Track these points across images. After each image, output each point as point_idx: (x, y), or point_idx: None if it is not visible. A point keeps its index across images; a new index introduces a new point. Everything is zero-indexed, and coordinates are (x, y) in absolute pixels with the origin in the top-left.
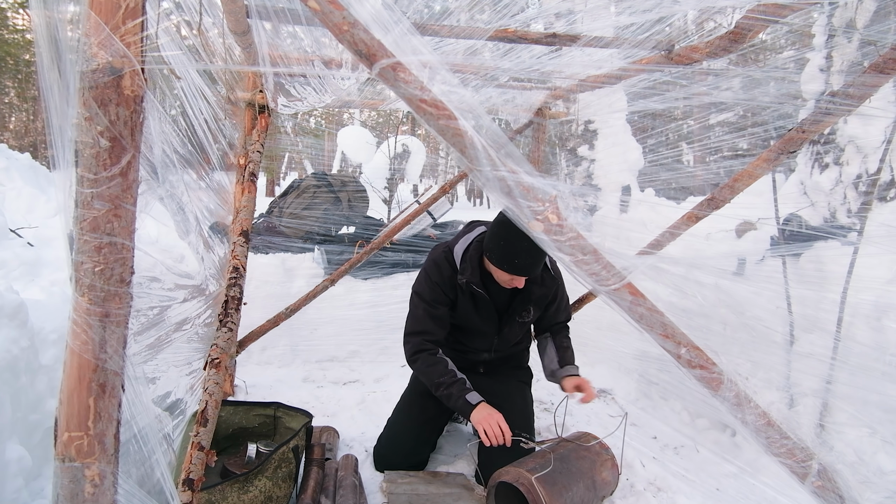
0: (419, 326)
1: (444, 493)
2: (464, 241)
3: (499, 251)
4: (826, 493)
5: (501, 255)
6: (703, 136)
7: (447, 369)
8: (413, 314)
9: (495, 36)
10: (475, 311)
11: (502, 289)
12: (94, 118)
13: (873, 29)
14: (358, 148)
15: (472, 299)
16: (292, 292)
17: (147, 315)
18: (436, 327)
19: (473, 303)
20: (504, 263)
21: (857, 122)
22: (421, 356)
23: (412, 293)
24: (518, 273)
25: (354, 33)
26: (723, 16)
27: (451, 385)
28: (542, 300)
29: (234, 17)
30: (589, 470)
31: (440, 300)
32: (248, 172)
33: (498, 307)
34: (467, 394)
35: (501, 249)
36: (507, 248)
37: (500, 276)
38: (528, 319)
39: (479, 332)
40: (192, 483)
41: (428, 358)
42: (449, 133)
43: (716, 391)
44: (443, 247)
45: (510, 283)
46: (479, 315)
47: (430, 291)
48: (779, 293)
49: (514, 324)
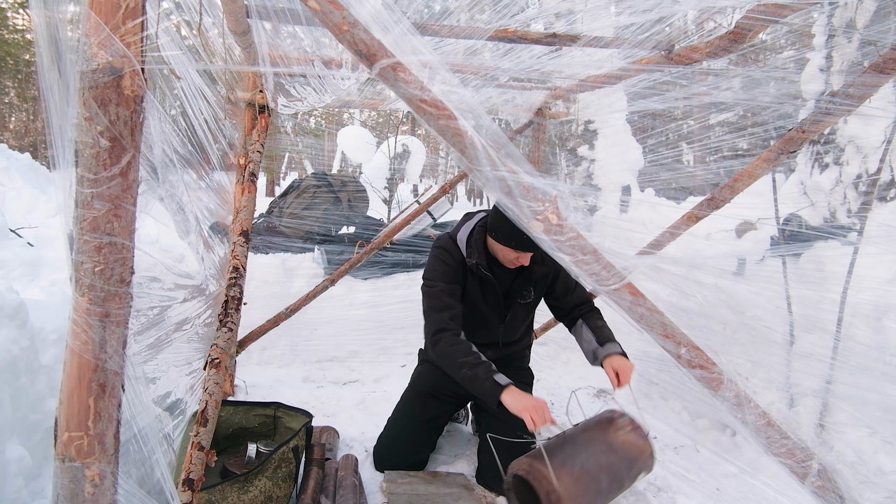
0: (440, 303)
1: (444, 493)
2: (466, 228)
3: (505, 229)
4: (826, 493)
5: (508, 232)
6: (703, 136)
7: (472, 350)
8: (430, 294)
9: (495, 36)
10: (482, 296)
11: (506, 273)
12: (94, 118)
13: (873, 29)
14: (358, 148)
15: (479, 284)
16: (292, 292)
17: (147, 315)
18: (456, 303)
19: (481, 288)
20: (511, 240)
21: (857, 122)
22: (444, 335)
23: (424, 281)
24: (524, 248)
25: (354, 33)
26: (723, 16)
27: (476, 366)
28: (544, 280)
29: (234, 17)
30: (600, 435)
31: (455, 279)
32: (248, 172)
33: (503, 291)
34: (495, 374)
35: (507, 227)
36: (513, 225)
37: (505, 255)
38: (530, 301)
39: (484, 321)
40: (192, 483)
41: (451, 338)
42: (449, 133)
43: (716, 391)
44: (446, 236)
45: (516, 261)
46: (486, 301)
47: (444, 273)
48: (779, 293)
49: (516, 308)
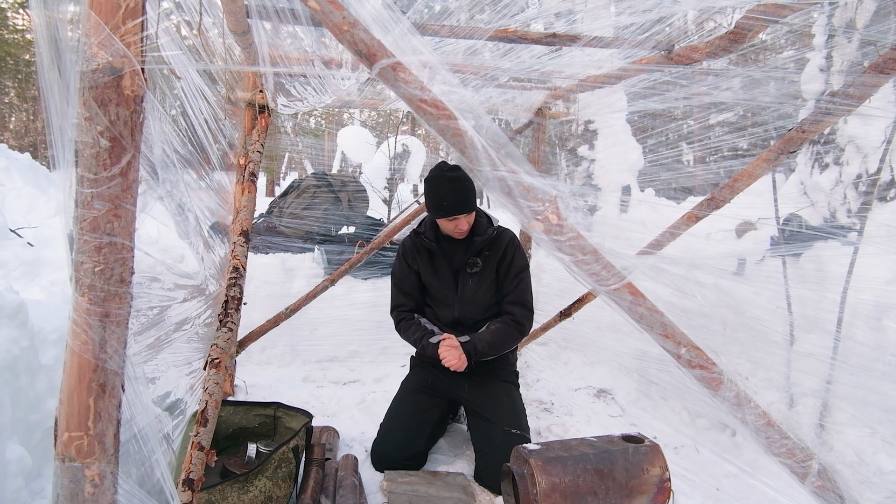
0: (393, 302)
1: (444, 493)
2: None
3: (431, 202)
4: (826, 493)
5: (433, 203)
6: (703, 136)
7: (420, 325)
8: (390, 294)
9: (495, 36)
10: (433, 271)
11: (455, 247)
12: (94, 118)
13: (873, 29)
14: (358, 148)
15: (430, 259)
16: (292, 292)
17: (147, 315)
18: (406, 299)
19: (431, 264)
20: (438, 210)
21: (857, 122)
22: (402, 324)
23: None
24: (450, 213)
25: (354, 33)
26: (723, 16)
27: (423, 337)
28: (490, 251)
29: (234, 17)
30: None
31: (406, 272)
32: (248, 172)
33: (453, 266)
34: (431, 336)
35: (431, 199)
36: (435, 195)
37: (444, 227)
38: (477, 270)
39: (442, 297)
40: (192, 483)
41: (405, 323)
42: (449, 133)
43: (716, 391)
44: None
45: (455, 229)
46: (438, 275)
47: (399, 269)
48: (779, 293)
49: (465, 278)
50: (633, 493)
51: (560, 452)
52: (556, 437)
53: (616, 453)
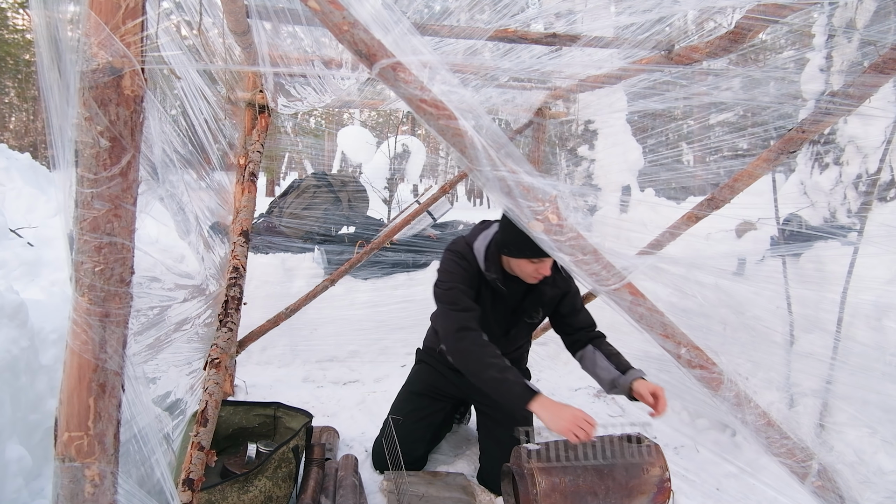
0: (461, 303)
1: (444, 493)
2: (483, 238)
3: (518, 242)
4: (826, 493)
5: (522, 244)
6: (703, 136)
7: (498, 353)
8: (448, 294)
9: (495, 36)
10: (492, 308)
11: (516, 290)
12: (94, 118)
13: (873, 29)
14: (358, 148)
15: (492, 296)
16: (292, 292)
17: (147, 315)
18: (475, 306)
19: (492, 300)
20: (526, 251)
21: (857, 122)
22: (470, 334)
23: (440, 282)
24: (539, 255)
25: (354, 33)
26: (723, 16)
27: (505, 370)
28: (552, 303)
29: (234, 17)
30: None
31: (471, 285)
32: (248, 172)
33: (509, 306)
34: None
35: (519, 239)
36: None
37: (523, 269)
38: (536, 321)
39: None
40: (192, 483)
41: (478, 338)
42: (449, 133)
43: (716, 391)
44: (463, 242)
45: (535, 273)
46: (494, 313)
47: (462, 277)
48: (779, 293)
49: (522, 325)
50: (634, 493)
51: (560, 452)
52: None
53: (616, 453)
